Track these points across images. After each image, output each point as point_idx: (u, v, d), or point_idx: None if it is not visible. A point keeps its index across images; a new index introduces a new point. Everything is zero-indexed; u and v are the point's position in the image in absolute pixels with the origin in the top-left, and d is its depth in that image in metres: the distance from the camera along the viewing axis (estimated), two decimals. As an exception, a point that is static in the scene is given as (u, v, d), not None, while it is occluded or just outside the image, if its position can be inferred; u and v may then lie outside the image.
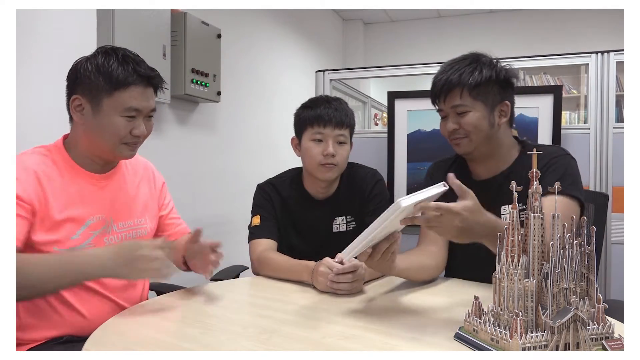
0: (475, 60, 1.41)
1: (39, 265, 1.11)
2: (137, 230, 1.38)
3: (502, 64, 1.44)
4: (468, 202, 1.11)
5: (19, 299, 1.15)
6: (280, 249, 1.62)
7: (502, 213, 1.42)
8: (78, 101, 1.24)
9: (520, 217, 1.39)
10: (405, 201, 1.05)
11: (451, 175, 1.13)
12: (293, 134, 1.72)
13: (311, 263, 1.40)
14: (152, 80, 1.27)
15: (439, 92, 1.43)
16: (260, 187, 1.73)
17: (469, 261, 1.46)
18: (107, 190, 1.32)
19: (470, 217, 1.10)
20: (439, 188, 1.16)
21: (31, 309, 1.23)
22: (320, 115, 1.60)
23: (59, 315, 1.23)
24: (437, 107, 1.48)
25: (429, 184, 1.56)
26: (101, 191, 1.31)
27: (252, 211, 1.70)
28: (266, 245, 1.60)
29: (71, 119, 1.30)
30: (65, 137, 1.33)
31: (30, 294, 1.13)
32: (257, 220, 1.66)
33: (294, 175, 1.74)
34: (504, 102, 1.43)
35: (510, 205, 0.95)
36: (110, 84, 1.21)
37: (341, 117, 1.61)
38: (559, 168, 1.36)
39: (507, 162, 1.46)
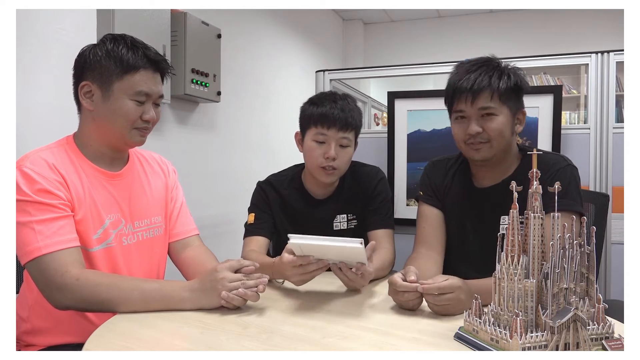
0: (496, 66, 1.39)
1: (134, 290, 1.13)
2: (153, 230, 1.37)
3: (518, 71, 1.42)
4: (455, 278, 1.14)
5: (89, 310, 1.19)
6: (279, 249, 1.61)
7: (500, 223, 1.40)
8: (88, 87, 1.24)
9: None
10: (295, 238, 1.16)
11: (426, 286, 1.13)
12: (293, 134, 1.71)
13: (275, 260, 1.33)
14: (160, 65, 1.28)
15: (466, 93, 1.37)
16: (259, 186, 1.72)
17: (465, 261, 1.46)
18: (121, 188, 1.31)
19: (466, 288, 1.14)
20: (354, 243, 1.15)
21: (43, 315, 1.23)
22: (325, 115, 1.55)
23: (69, 321, 1.22)
24: (456, 108, 1.41)
25: (427, 184, 1.56)
26: (116, 189, 1.30)
27: (249, 208, 1.70)
28: (256, 244, 1.59)
29: (79, 109, 1.29)
30: (74, 135, 1.31)
31: (105, 310, 1.14)
32: (251, 218, 1.65)
33: (294, 174, 1.73)
34: (521, 110, 1.42)
35: (510, 212, 0.95)
36: (121, 67, 1.22)
37: (346, 119, 1.55)
38: (562, 182, 1.33)
39: (509, 171, 1.44)
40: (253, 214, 1.66)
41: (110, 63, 1.22)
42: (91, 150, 1.28)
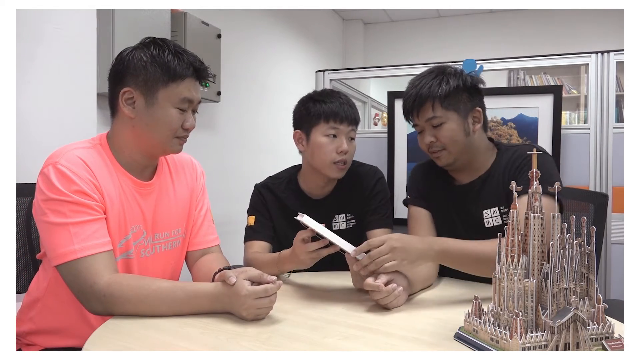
0: (440, 72, 1.45)
1: (168, 296, 1.10)
2: (172, 242, 1.33)
3: (467, 74, 1.48)
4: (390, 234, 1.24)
5: (120, 314, 1.12)
6: (280, 251, 1.61)
7: (484, 217, 1.46)
8: (129, 93, 1.19)
9: (503, 220, 1.42)
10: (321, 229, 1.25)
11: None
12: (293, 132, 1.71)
13: (282, 253, 1.45)
14: (203, 73, 1.26)
15: (411, 107, 1.46)
16: (257, 189, 1.73)
17: None
18: (148, 199, 1.27)
19: (404, 238, 1.23)
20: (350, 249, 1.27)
21: (48, 317, 1.22)
22: (336, 110, 1.59)
23: (73, 325, 1.21)
24: (412, 123, 1.51)
25: (413, 187, 1.61)
26: (143, 200, 1.26)
27: (248, 210, 1.70)
28: (258, 247, 1.61)
29: (113, 114, 1.25)
30: (107, 137, 1.26)
31: (133, 313, 1.11)
32: (252, 220, 1.66)
33: (290, 175, 1.73)
34: (475, 108, 1.46)
35: (511, 212, 0.95)
36: (167, 75, 1.18)
37: (354, 114, 1.63)
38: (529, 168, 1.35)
39: (485, 166, 1.49)
40: (253, 217, 1.67)
41: (156, 70, 1.18)
42: (124, 157, 1.24)
